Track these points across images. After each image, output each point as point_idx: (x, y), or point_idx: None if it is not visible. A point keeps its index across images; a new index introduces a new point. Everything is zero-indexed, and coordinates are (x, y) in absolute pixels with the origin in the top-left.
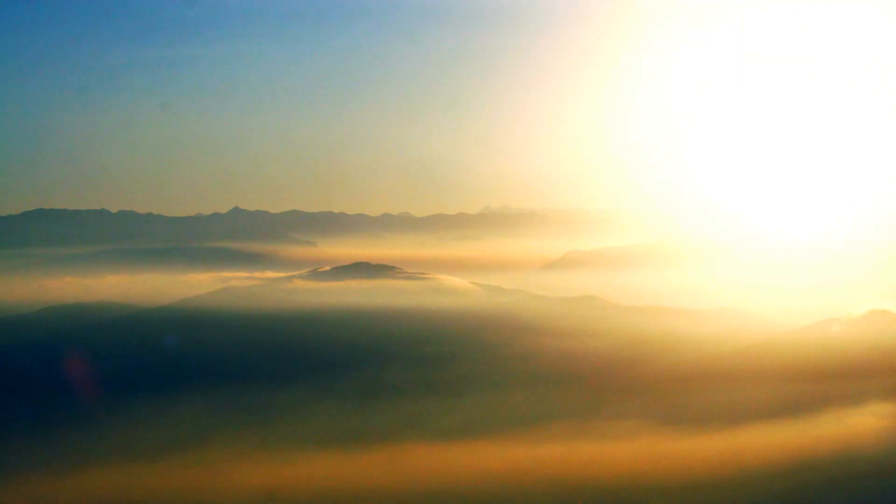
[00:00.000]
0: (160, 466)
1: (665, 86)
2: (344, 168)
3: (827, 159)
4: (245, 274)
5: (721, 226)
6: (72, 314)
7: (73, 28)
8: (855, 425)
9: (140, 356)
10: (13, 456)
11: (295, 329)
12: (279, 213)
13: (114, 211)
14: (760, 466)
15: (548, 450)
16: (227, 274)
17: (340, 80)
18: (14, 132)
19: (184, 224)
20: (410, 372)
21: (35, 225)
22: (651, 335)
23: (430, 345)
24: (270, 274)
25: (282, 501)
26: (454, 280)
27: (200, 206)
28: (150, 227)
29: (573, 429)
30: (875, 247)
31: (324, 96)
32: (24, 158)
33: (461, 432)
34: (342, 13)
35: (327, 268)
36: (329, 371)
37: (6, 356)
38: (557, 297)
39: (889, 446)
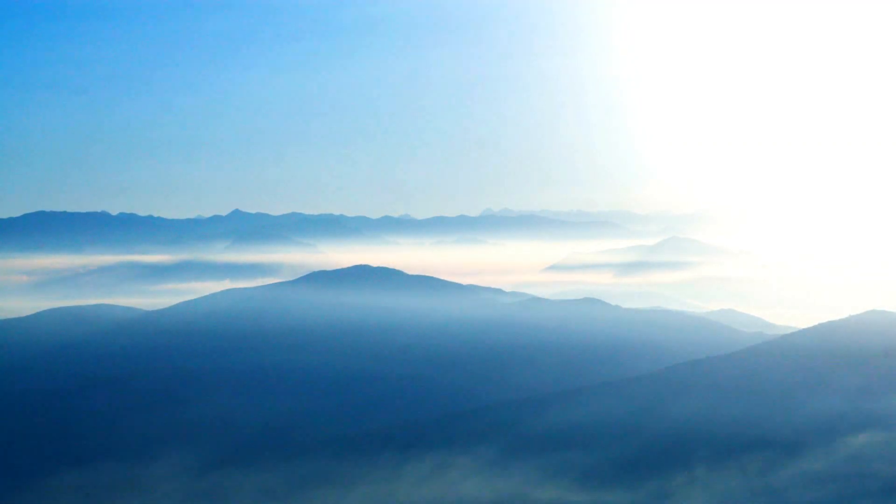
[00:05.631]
0: None
1: (666, 88)
2: (344, 170)
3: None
4: (245, 277)
5: (721, 228)
6: (72, 317)
7: (74, 29)
8: None
9: (140, 359)
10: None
11: (294, 334)
12: (279, 215)
13: (114, 213)
14: None
15: None
16: (226, 277)
17: (341, 82)
18: (14, 133)
19: (184, 226)
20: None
21: (35, 227)
22: (652, 336)
23: (432, 347)
24: (271, 277)
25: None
26: (455, 282)
27: (200, 209)
28: (150, 230)
29: None
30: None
31: (324, 98)
32: (24, 160)
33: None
34: (341, 20)
35: (328, 271)
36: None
37: (8, 357)
38: (558, 299)
39: None
